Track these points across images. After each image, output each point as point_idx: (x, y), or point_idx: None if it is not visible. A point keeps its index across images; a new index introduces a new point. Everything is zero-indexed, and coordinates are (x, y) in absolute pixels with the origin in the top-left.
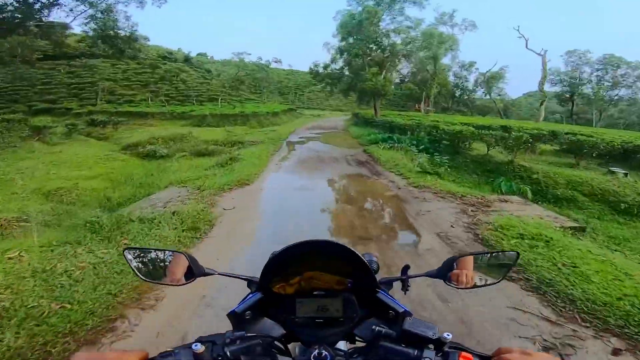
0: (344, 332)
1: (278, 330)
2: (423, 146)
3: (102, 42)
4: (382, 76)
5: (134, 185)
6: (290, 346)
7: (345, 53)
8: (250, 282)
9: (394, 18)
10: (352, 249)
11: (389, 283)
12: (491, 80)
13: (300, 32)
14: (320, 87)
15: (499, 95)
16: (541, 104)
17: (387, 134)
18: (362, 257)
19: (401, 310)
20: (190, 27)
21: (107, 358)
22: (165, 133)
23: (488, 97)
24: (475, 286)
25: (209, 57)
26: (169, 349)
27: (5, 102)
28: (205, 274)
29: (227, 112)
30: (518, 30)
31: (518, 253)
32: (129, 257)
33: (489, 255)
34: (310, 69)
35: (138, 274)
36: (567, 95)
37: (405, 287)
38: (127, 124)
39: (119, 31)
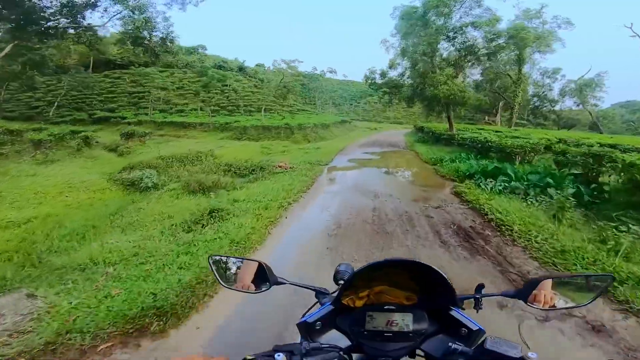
0: (410, 347)
1: (345, 342)
2: (571, 188)
3: (132, 43)
4: (461, 79)
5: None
6: (355, 357)
7: (408, 54)
8: (318, 292)
9: (469, 10)
10: (435, 268)
11: (460, 300)
12: (585, 88)
13: (357, 42)
14: (377, 97)
15: (595, 105)
16: None
17: (480, 158)
18: (444, 276)
19: (475, 328)
20: (250, 39)
21: None
22: (184, 149)
23: (577, 107)
24: (556, 308)
25: (265, 68)
26: (249, 357)
27: (69, 110)
28: (278, 283)
29: (271, 123)
30: (631, 28)
31: (613, 276)
32: (213, 264)
33: (579, 277)
34: (366, 76)
35: (219, 279)
36: None
37: (478, 306)
38: (166, 135)
39: (153, 32)
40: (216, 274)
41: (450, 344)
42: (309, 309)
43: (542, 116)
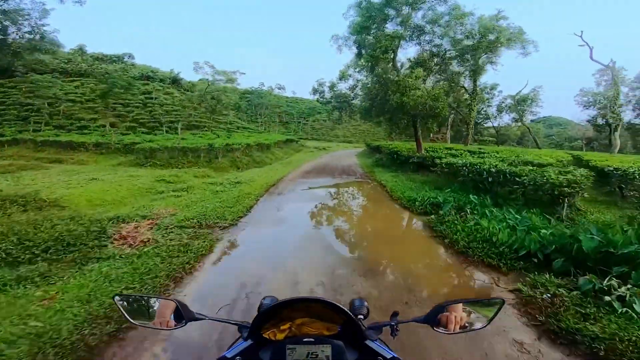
0: None
1: None
2: None
3: None
4: (431, 86)
5: None
6: None
7: (365, 52)
8: (241, 326)
9: (435, 6)
10: (340, 306)
11: (378, 329)
12: (522, 103)
13: (306, 59)
14: (326, 113)
15: (531, 120)
16: (613, 130)
17: (485, 196)
18: (350, 314)
19: (389, 356)
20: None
21: None
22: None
23: (513, 122)
24: (462, 331)
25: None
26: None
27: None
28: (196, 319)
29: (191, 144)
30: (581, 37)
31: (503, 300)
32: (119, 302)
33: (475, 303)
34: (314, 89)
35: (128, 318)
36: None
37: (394, 332)
38: (44, 158)
39: (19, 24)
40: (124, 312)
41: None
42: (233, 344)
43: (478, 132)
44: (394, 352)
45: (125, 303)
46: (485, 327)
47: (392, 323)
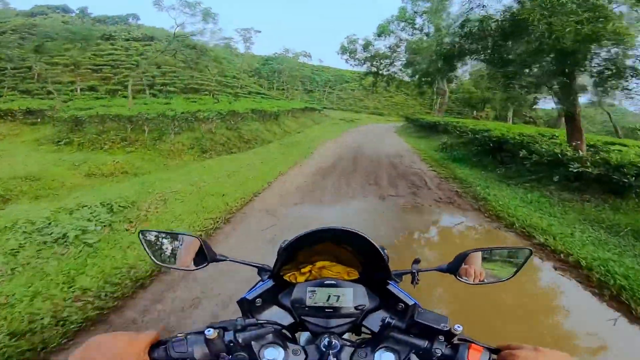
0: (352, 322)
1: (287, 319)
2: None
3: None
4: None
5: None
6: (298, 334)
7: None
8: (260, 269)
9: None
10: (366, 236)
11: (399, 275)
12: None
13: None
14: (356, 82)
15: None
16: None
17: None
18: (376, 246)
19: (411, 302)
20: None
21: (119, 339)
22: None
23: None
24: (484, 282)
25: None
26: (180, 334)
27: None
28: (217, 260)
29: (143, 111)
30: None
31: (531, 250)
32: (143, 239)
33: (502, 250)
34: (343, 47)
35: (152, 257)
36: None
37: (414, 281)
38: None
39: None
40: (148, 250)
41: (386, 318)
42: (254, 286)
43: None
44: (415, 300)
45: (149, 240)
46: (510, 278)
47: (414, 271)
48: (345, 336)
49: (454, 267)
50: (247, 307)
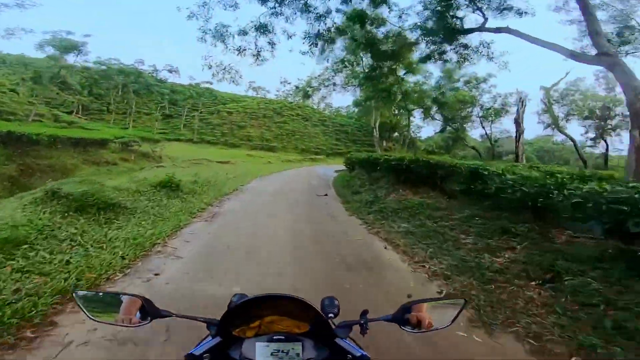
0: None
1: None
2: None
3: None
4: None
5: None
6: None
7: None
8: (209, 324)
9: None
10: (310, 303)
11: (347, 327)
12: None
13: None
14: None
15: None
16: None
17: None
18: (320, 312)
19: (358, 354)
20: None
21: None
22: None
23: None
24: (427, 330)
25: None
26: None
27: None
28: (162, 316)
29: None
30: None
31: (465, 300)
32: (80, 299)
33: (439, 301)
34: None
35: (89, 315)
36: None
37: (363, 331)
38: None
39: None
40: (85, 310)
41: None
42: (201, 341)
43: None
44: (364, 350)
45: (85, 300)
46: (447, 326)
47: (362, 321)
48: None
49: (399, 317)
50: None
